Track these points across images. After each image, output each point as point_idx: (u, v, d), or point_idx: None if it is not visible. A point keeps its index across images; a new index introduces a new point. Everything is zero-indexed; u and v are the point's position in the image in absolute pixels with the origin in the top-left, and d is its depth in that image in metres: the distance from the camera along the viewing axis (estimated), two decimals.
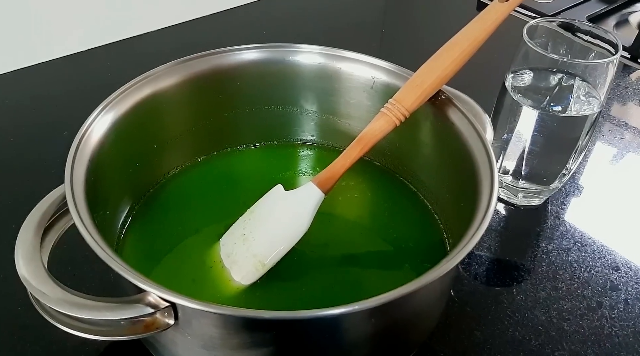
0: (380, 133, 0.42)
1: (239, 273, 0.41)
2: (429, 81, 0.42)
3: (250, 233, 0.42)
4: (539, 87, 0.50)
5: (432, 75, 0.42)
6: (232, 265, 0.42)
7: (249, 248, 0.41)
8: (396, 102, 0.42)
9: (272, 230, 0.42)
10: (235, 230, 0.43)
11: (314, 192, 0.42)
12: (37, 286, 0.32)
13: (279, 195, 0.43)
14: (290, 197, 0.43)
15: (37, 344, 0.42)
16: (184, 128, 0.49)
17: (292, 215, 0.42)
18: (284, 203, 0.43)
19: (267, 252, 0.41)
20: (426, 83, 0.42)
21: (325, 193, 0.42)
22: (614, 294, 0.47)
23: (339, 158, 0.43)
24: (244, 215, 0.44)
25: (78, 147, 0.39)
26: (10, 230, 0.38)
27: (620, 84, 0.73)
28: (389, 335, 0.37)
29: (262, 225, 0.42)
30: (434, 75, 0.42)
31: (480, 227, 0.35)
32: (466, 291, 0.47)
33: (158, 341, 0.37)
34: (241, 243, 0.42)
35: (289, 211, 0.42)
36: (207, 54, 0.48)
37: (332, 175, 0.42)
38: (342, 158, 0.43)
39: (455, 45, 0.43)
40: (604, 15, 0.85)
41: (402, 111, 0.42)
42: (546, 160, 0.51)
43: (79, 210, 0.35)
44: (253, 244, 0.41)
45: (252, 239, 0.42)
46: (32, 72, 0.69)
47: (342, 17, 0.86)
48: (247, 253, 0.41)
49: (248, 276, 0.41)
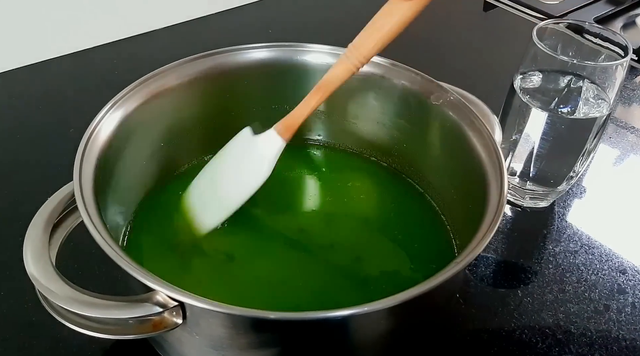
0: (338, 80, 0.42)
1: (204, 216, 0.44)
2: (388, 25, 0.40)
3: (217, 177, 0.44)
4: (547, 89, 0.50)
5: (391, 19, 0.40)
6: (200, 208, 0.44)
7: (215, 191, 0.44)
8: (354, 49, 0.41)
9: (235, 175, 0.44)
10: (205, 173, 0.45)
11: (275, 139, 0.43)
12: (46, 284, 0.32)
13: (244, 140, 0.44)
14: (252, 144, 0.44)
15: (44, 341, 0.42)
16: (191, 127, 0.49)
17: (254, 161, 0.43)
18: (248, 149, 0.44)
19: (230, 196, 0.43)
20: (385, 27, 0.40)
21: (285, 141, 0.43)
22: (622, 297, 0.47)
23: (299, 106, 0.43)
24: (213, 159, 0.45)
25: (87, 145, 0.39)
26: (18, 227, 0.38)
27: (628, 86, 0.73)
28: (396, 337, 0.37)
29: (227, 170, 0.44)
30: (392, 19, 0.40)
31: (490, 230, 0.35)
32: (472, 293, 0.47)
33: (165, 340, 0.37)
34: (209, 186, 0.44)
35: (251, 157, 0.44)
36: (215, 53, 0.48)
37: (292, 123, 0.43)
38: (301, 106, 0.43)
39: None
40: (611, 17, 0.84)
41: (359, 58, 0.41)
42: (554, 162, 0.51)
43: (88, 208, 0.35)
44: (219, 187, 0.44)
45: (218, 183, 0.44)
46: (39, 69, 0.69)
47: (348, 17, 0.86)
48: (214, 196, 0.44)
49: (212, 220, 0.44)
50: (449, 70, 0.73)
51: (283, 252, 0.45)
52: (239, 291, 0.41)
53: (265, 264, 0.44)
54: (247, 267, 0.44)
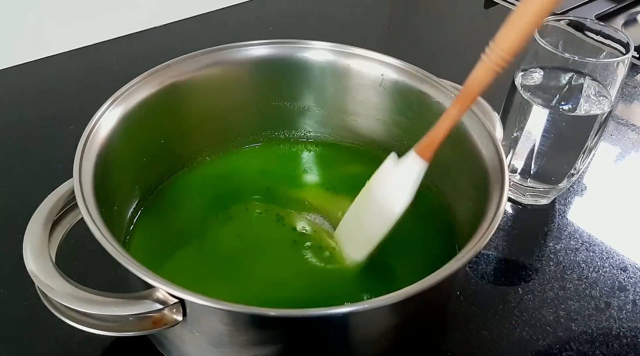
0: (480, 84, 0.38)
1: (351, 249, 0.43)
2: (530, 12, 0.35)
3: (362, 209, 0.43)
4: (548, 86, 0.50)
5: (532, 4, 0.35)
6: (346, 241, 0.44)
7: (359, 223, 0.43)
8: (495, 45, 0.37)
9: (378, 205, 0.42)
10: (354, 206, 0.44)
11: (415, 161, 0.41)
12: (45, 281, 0.32)
13: (387, 168, 0.42)
14: (395, 170, 0.42)
15: (44, 338, 0.42)
16: (192, 124, 0.49)
17: (395, 189, 0.41)
18: (390, 176, 0.42)
19: (373, 227, 0.42)
20: (526, 15, 0.35)
21: (427, 161, 0.40)
22: (622, 295, 0.47)
23: (439, 121, 0.40)
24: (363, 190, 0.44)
25: (86, 142, 0.39)
26: (18, 224, 0.37)
27: (629, 84, 0.72)
28: (396, 334, 0.37)
29: (371, 201, 0.43)
30: (534, 4, 0.35)
31: (490, 228, 0.35)
32: (473, 291, 0.47)
33: (165, 337, 0.37)
34: (354, 219, 0.43)
35: (393, 184, 0.42)
36: (215, 50, 0.48)
37: (432, 141, 0.40)
38: (441, 121, 0.39)
39: None
40: (612, 14, 0.84)
41: (501, 54, 0.36)
42: (555, 159, 0.51)
43: (88, 205, 0.35)
44: (363, 219, 0.43)
45: (362, 214, 0.43)
46: (39, 65, 0.69)
47: (348, 14, 0.86)
48: (359, 228, 0.43)
49: (358, 252, 0.43)
50: (450, 67, 0.73)
51: (283, 250, 0.45)
52: (240, 289, 0.41)
53: (265, 262, 0.44)
54: (247, 264, 0.43)
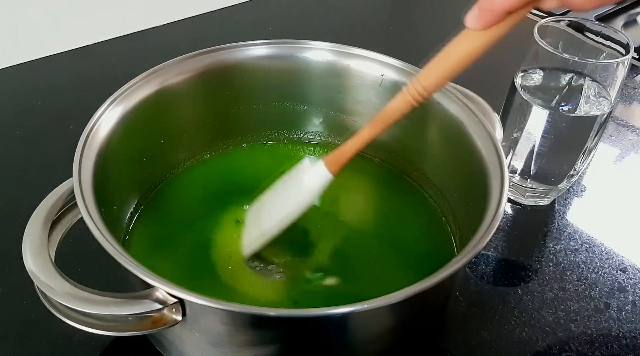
0: (396, 113, 0.39)
1: (245, 240, 0.44)
2: (455, 56, 0.36)
3: (264, 205, 0.44)
4: (548, 87, 0.50)
5: (459, 49, 0.36)
6: (245, 232, 0.44)
7: (258, 219, 0.44)
8: (417, 81, 0.38)
9: (279, 204, 0.43)
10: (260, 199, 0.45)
11: (321, 171, 0.42)
12: (45, 281, 0.32)
13: (297, 171, 0.44)
14: (301, 175, 0.43)
15: (43, 338, 0.41)
16: (191, 124, 0.49)
17: (298, 192, 0.43)
18: (296, 179, 0.43)
19: (269, 224, 0.43)
20: (451, 58, 0.36)
21: (333, 174, 0.42)
22: (622, 296, 0.47)
23: (352, 138, 0.41)
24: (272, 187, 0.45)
25: (86, 141, 0.39)
26: (17, 224, 0.37)
27: (628, 85, 0.72)
28: (395, 334, 0.37)
29: (274, 199, 0.44)
30: (460, 49, 0.36)
31: (490, 228, 0.35)
32: (473, 291, 0.47)
33: (165, 337, 0.37)
34: (256, 214, 0.44)
35: (297, 187, 0.43)
36: (215, 50, 0.48)
37: (340, 157, 0.42)
38: (354, 138, 0.41)
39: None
40: (612, 15, 0.84)
41: (420, 91, 0.38)
42: (554, 160, 0.51)
43: (87, 205, 0.35)
44: (262, 215, 0.43)
45: (263, 211, 0.44)
46: (39, 65, 0.69)
47: (348, 14, 0.86)
48: (256, 223, 0.44)
49: (250, 246, 0.43)
50: None
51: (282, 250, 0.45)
52: (239, 288, 0.41)
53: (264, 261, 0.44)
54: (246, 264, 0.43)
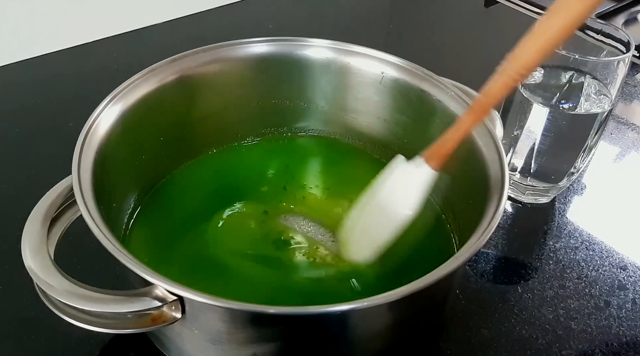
0: (494, 99, 0.37)
1: (355, 250, 0.43)
2: (552, 28, 0.35)
3: (367, 211, 0.42)
4: (549, 85, 0.49)
5: (556, 20, 0.34)
6: (350, 242, 0.43)
7: (364, 226, 0.42)
8: (513, 59, 0.36)
9: (385, 208, 0.41)
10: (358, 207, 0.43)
11: (425, 169, 0.40)
12: (44, 278, 0.32)
13: (395, 171, 0.41)
14: (403, 174, 0.41)
15: (42, 335, 0.41)
16: (191, 121, 0.49)
17: (404, 193, 0.40)
18: (399, 180, 0.41)
19: (380, 230, 0.41)
20: (549, 31, 0.35)
21: (435, 170, 0.39)
22: (622, 293, 0.47)
23: (450, 129, 0.39)
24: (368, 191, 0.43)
25: (85, 139, 0.39)
26: (16, 221, 0.37)
27: (629, 83, 0.72)
28: (395, 332, 0.37)
29: (377, 203, 0.41)
30: (558, 20, 0.34)
31: (490, 226, 0.34)
32: (473, 289, 0.47)
33: (164, 334, 0.37)
34: (358, 221, 0.42)
35: (402, 189, 0.41)
36: (215, 47, 0.48)
37: (441, 150, 0.39)
38: (453, 129, 0.39)
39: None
40: (613, 13, 0.84)
41: (518, 70, 0.36)
42: (555, 158, 0.51)
43: (86, 202, 0.35)
44: (368, 222, 0.42)
45: (368, 217, 0.42)
46: (38, 62, 0.69)
47: (348, 12, 0.86)
48: (363, 231, 0.42)
49: (363, 255, 0.42)
50: (450, 65, 0.73)
51: (282, 248, 0.45)
52: (239, 286, 0.41)
53: (264, 260, 0.44)
54: (246, 262, 0.43)
